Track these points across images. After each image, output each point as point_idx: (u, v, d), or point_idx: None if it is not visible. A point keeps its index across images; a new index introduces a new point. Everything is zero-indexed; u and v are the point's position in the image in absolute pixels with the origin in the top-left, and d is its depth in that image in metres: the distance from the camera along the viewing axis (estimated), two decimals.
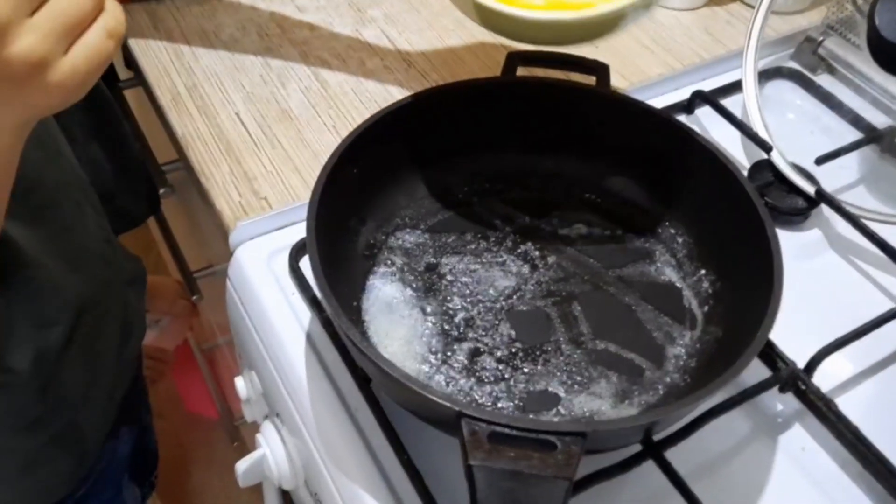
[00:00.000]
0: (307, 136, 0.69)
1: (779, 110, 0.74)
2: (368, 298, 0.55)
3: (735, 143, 0.71)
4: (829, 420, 0.51)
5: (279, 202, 0.63)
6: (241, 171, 0.66)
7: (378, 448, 0.50)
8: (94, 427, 0.65)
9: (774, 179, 0.66)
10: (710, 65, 0.77)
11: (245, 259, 0.61)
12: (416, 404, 0.46)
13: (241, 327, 0.61)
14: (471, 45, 0.78)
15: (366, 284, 0.56)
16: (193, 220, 0.92)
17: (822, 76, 0.77)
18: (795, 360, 0.53)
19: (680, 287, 0.57)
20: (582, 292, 0.56)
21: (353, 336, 0.44)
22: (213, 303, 0.89)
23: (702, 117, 0.73)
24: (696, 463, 0.50)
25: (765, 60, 0.78)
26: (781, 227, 0.63)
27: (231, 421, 1.19)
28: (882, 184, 0.69)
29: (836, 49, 0.76)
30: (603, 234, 0.60)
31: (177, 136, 0.69)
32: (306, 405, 0.53)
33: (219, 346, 1.10)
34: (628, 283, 0.57)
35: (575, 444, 0.39)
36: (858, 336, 0.54)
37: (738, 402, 0.50)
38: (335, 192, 0.52)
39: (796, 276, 0.52)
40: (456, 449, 0.39)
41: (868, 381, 0.56)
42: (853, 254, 0.63)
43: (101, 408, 0.65)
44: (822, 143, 0.69)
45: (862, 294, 0.61)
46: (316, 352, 0.55)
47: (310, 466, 0.54)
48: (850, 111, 0.74)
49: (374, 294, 0.55)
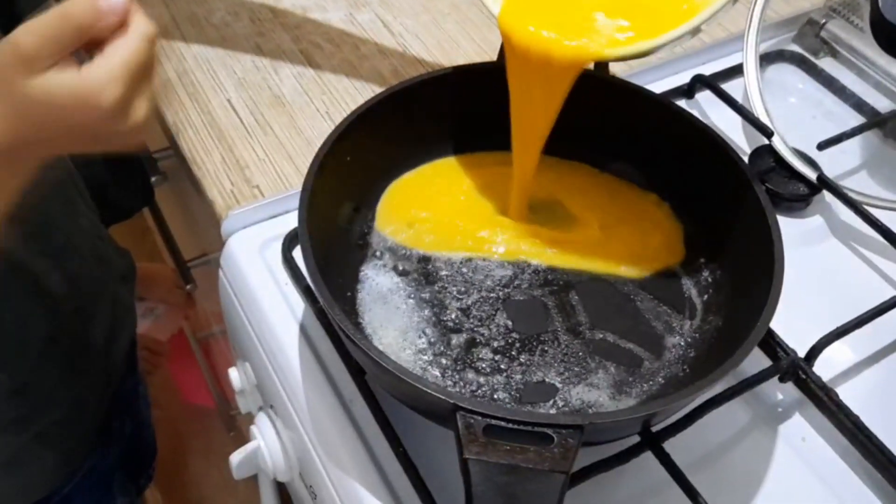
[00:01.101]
0: (300, 122, 0.68)
1: (780, 94, 0.73)
2: (363, 289, 0.54)
3: (736, 128, 0.70)
4: (830, 410, 0.51)
5: (272, 190, 0.62)
6: (233, 159, 0.65)
7: (373, 440, 0.50)
8: (82, 424, 0.64)
9: (776, 165, 0.65)
10: (711, 48, 0.76)
11: (237, 248, 0.60)
12: (411, 397, 0.45)
13: (235, 318, 0.61)
14: (466, 28, 0.77)
15: (360, 274, 0.55)
16: (186, 208, 0.91)
17: (825, 59, 0.76)
18: (796, 349, 0.52)
19: (679, 276, 0.56)
20: (579, 281, 0.55)
21: (347, 327, 0.43)
22: (207, 292, 0.88)
23: (702, 102, 0.72)
24: (696, 454, 0.50)
25: (766, 43, 0.77)
26: (782, 214, 0.63)
27: (228, 411, 1.18)
28: (885, 169, 0.68)
29: (838, 32, 0.75)
30: None
31: (167, 124, 0.68)
32: (300, 397, 0.53)
33: (214, 335, 1.09)
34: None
35: (572, 437, 0.38)
36: (860, 324, 0.53)
37: (737, 392, 0.49)
38: (328, 180, 0.51)
39: (797, 264, 0.52)
40: (451, 441, 0.38)
41: (869, 370, 0.55)
42: (855, 241, 0.62)
43: (91, 405, 0.64)
44: (824, 128, 0.68)
45: (864, 282, 0.60)
46: (310, 343, 0.54)
47: (304, 459, 0.54)
48: (852, 95, 0.72)
49: (369, 284, 0.54)
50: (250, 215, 0.61)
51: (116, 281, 0.68)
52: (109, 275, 0.66)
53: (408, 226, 0.57)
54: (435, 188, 0.59)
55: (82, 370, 0.62)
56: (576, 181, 0.60)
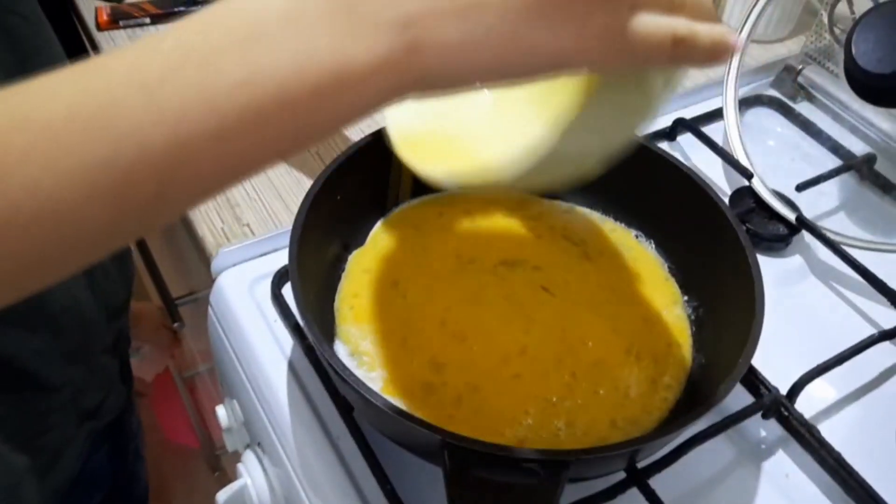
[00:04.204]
0: (290, 161, 0.69)
1: (759, 137, 0.75)
2: None
3: (716, 170, 0.71)
4: (812, 446, 0.51)
5: (262, 229, 0.63)
6: (224, 197, 0.65)
7: (361, 478, 0.50)
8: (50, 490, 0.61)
9: (755, 206, 0.66)
10: (692, 92, 0.78)
11: (227, 286, 0.60)
12: (399, 433, 0.45)
13: (223, 355, 0.61)
14: None
15: None
16: (175, 246, 0.91)
17: (802, 104, 0.78)
18: (778, 386, 0.53)
19: None
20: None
21: (336, 364, 0.43)
22: (194, 330, 0.88)
23: (684, 144, 0.73)
24: (681, 490, 0.50)
25: (745, 88, 0.79)
26: (763, 254, 0.64)
27: (212, 450, 1.17)
28: (862, 210, 0.70)
29: (815, 77, 0.77)
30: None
31: None
32: (288, 434, 0.53)
33: (200, 373, 1.08)
34: None
35: (558, 473, 0.38)
36: (840, 362, 0.54)
37: (721, 428, 0.49)
38: (318, 218, 0.51)
39: (778, 303, 0.53)
40: (439, 478, 0.39)
41: (850, 406, 0.56)
42: (834, 280, 0.64)
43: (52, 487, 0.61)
44: (802, 170, 0.70)
45: (843, 320, 0.61)
46: (298, 380, 0.55)
47: (291, 497, 0.53)
48: (829, 138, 0.74)
49: None
50: (240, 253, 0.62)
51: (103, 352, 0.65)
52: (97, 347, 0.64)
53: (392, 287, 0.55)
54: (419, 235, 0.59)
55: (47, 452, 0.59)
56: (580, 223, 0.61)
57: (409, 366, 0.50)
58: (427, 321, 0.52)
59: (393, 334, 0.52)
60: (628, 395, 0.50)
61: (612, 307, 0.55)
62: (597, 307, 0.54)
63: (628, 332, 0.53)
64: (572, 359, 0.51)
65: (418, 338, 0.51)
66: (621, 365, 0.51)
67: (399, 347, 0.51)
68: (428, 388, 0.49)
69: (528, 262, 0.57)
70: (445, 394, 0.49)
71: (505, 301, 0.54)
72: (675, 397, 0.50)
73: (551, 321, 0.53)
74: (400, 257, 0.57)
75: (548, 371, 0.50)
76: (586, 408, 0.49)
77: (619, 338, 0.53)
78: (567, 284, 0.55)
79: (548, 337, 0.52)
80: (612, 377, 0.50)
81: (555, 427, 0.47)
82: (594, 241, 0.59)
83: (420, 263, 0.56)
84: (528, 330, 0.52)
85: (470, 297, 0.54)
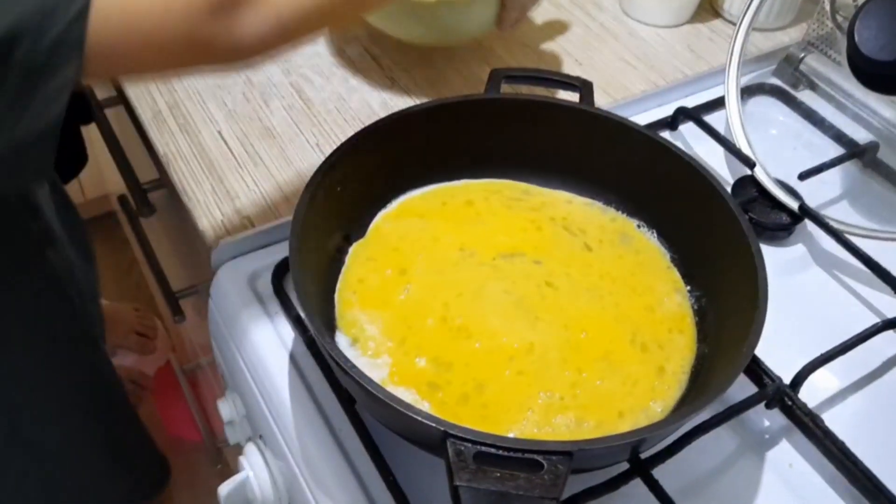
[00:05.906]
0: (290, 153, 0.68)
1: (761, 126, 0.74)
2: None
3: (719, 159, 0.71)
4: (816, 436, 0.51)
5: (262, 221, 0.63)
6: (224, 190, 0.65)
7: (363, 470, 0.49)
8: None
9: (758, 195, 0.66)
10: (693, 81, 0.78)
11: (227, 278, 0.60)
12: (402, 425, 0.45)
13: (224, 348, 0.61)
14: (454, 62, 0.78)
15: None
16: (176, 239, 0.91)
17: (804, 92, 0.78)
18: (781, 375, 0.53)
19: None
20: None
21: (337, 356, 0.43)
22: (195, 323, 0.88)
23: (685, 133, 0.73)
24: (684, 480, 0.50)
25: (747, 77, 0.78)
26: (765, 243, 0.64)
27: (214, 444, 1.17)
28: (864, 199, 0.69)
29: (817, 65, 0.77)
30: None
31: (158, 155, 0.69)
32: (290, 427, 0.53)
33: (202, 367, 1.08)
34: None
35: (561, 464, 0.38)
36: (844, 351, 0.54)
37: (724, 418, 0.49)
38: (318, 210, 0.51)
39: (781, 292, 0.52)
40: (441, 470, 0.38)
41: (854, 396, 0.56)
42: (837, 269, 0.64)
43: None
44: (804, 159, 0.70)
45: (847, 309, 0.61)
46: (299, 372, 0.54)
47: (294, 489, 0.53)
48: (831, 127, 0.74)
49: None
50: (240, 245, 0.62)
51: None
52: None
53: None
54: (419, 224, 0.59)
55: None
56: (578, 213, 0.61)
57: (413, 361, 0.50)
58: (430, 316, 0.52)
59: (400, 322, 0.52)
60: (636, 385, 0.49)
61: (615, 298, 0.54)
62: (599, 298, 0.54)
63: (632, 322, 0.53)
64: (577, 353, 0.51)
65: (421, 334, 0.51)
66: (627, 355, 0.51)
67: (404, 338, 0.51)
68: (433, 386, 0.49)
69: (529, 254, 0.56)
70: (451, 392, 0.48)
71: (507, 295, 0.54)
72: (682, 386, 0.50)
73: (554, 315, 0.53)
74: (403, 247, 0.56)
75: (553, 367, 0.50)
76: (594, 401, 0.48)
77: (623, 329, 0.52)
78: (569, 276, 0.55)
79: (552, 332, 0.52)
80: (618, 369, 0.50)
81: (562, 423, 0.47)
82: (595, 232, 0.59)
83: (424, 254, 0.56)
84: (533, 326, 0.52)
85: (473, 290, 0.54)
